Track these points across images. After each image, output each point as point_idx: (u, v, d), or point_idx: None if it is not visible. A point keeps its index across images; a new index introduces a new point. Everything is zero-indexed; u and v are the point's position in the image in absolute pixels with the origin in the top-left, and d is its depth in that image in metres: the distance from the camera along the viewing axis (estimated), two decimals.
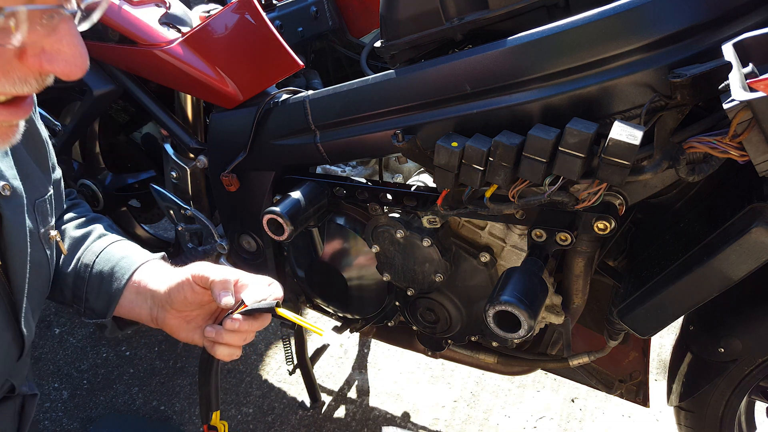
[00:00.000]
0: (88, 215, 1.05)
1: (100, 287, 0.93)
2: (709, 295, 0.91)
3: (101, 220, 1.05)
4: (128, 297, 0.92)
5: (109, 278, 0.92)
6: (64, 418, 1.79)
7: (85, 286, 0.94)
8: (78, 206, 1.07)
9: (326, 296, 1.42)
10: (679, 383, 1.21)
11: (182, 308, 0.88)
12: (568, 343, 1.21)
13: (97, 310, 0.94)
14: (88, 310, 0.94)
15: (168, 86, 1.36)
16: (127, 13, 1.30)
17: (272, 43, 1.22)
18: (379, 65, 1.48)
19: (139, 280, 0.92)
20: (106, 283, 0.93)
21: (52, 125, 1.72)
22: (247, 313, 0.82)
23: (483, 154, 0.91)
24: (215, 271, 0.84)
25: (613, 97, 0.87)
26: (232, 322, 0.82)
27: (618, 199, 0.97)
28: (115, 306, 0.92)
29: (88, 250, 0.97)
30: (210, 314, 0.91)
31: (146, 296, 0.90)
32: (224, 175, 1.27)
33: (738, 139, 0.75)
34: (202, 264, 0.87)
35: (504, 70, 0.93)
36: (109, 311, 0.93)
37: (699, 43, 0.82)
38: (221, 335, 0.83)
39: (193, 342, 0.90)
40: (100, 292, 0.93)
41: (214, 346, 0.85)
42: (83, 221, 1.02)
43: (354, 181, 1.21)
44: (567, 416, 1.77)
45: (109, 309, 0.92)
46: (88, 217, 1.04)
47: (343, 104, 1.09)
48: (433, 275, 1.18)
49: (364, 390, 1.89)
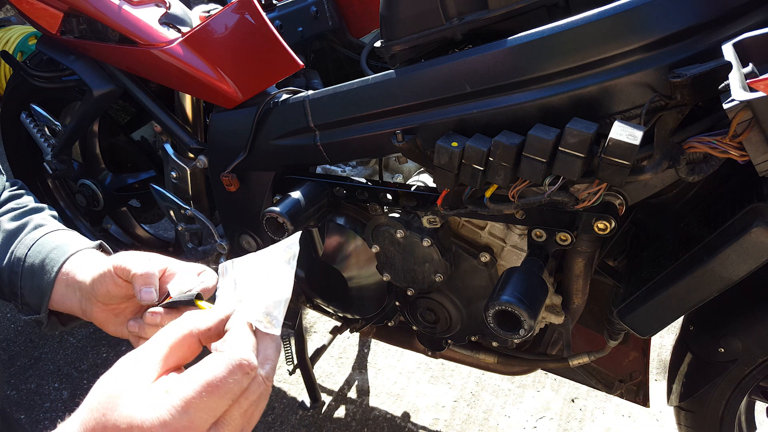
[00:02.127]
0: (27, 206, 0.99)
1: (32, 281, 0.88)
2: (709, 295, 0.91)
3: (39, 211, 0.99)
4: (59, 290, 0.87)
5: (40, 271, 0.87)
6: (64, 418, 1.79)
7: (19, 280, 0.89)
8: (18, 198, 1.02)
9: (326, 296, 1.42)
10: (679, 383, 1.21)
11: (107, 301, 0.83)
12: (568, 343, 1.21)
13: (32, 305, 0.89)
14: (24, 305, 0.90)
15: (168, 86, 1.36)
16: (127, 13, 1.30)
17: (272, 43, 1.22)
18: (379, 65, 1.48)
19: (68, 272, 0.86)
20: (38, 276, 0.88)
21: (52, 125, 1.72)
22: (169, 306, 0.75)
23: (483, 154, 0.91)
24: (138, 262, 0.78)
25: (613, 97, 0.87)
26: (152, 317, 0.76)
27: (618, 199, 0.97)
28: (47, 300, 0.87)
29: (21, 242, 0.92)
30: (139, 306, 0.84)
31: (75, 288, 0.85)
32: (224, 175, 1.27)
33: (738, 139, 0.75)
34: (126, 254, 0.81)
35: (504, 70, 0.93)
36: (42, 306, 0.88)
37: (699, 43, 0.82)
38: (144, 330, 0.78)
39: (122, 336, 0.84)
40: (33, 287, 0.88)
41: (138, 341, 0.80)
42: (20, 213, 0.97)
43: (354, 181, 1.21)
44: (567, 416, 1.77)
45: (42, 303, 0.88)
46: (26, 208, 0.98)
47: (343, 104, 1.09)
48: (433, 275, 1.18)
49: (364, 390, 1.89)
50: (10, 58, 1.68)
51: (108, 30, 1.38)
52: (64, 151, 1.70)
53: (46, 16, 1.42)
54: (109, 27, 1.34)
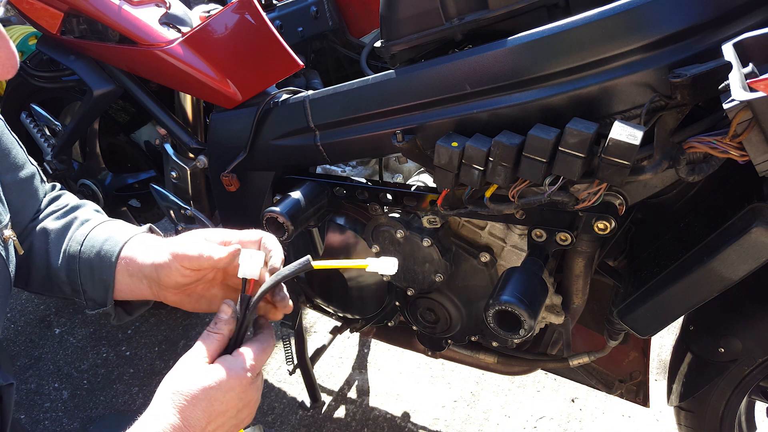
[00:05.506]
0: (68, 204, 1.00)
1: (92, 276, 0.89)
2: (709, 295, 0.91)
3: (82, 207, 1.00)
4: (122, 280, 0.88)
5: (99, 264, 0.88)
6: (64, 418, 1.79)
7: (79, 277, 0.90)
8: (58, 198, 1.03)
9: (326, 296, 1.42)
10: (679, 383, 1.21)
11: (178, 288, 0.85)
12: (568, 343, 1.21)
13: (96, 299, 0.90)
14: (89, 301, 0.91)
15: (168, 86, 1.36)
16: (127, 13, 1.30)
17: (272, 43, 1.22)
18: (379, 65, 1.48)
19: (127, 260, 0.87)
20: (97, 270, 0.89)
21: (52, 125, 1.72)
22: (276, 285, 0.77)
23: (483, 154, 0.91)
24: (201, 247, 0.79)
25: (613, 97, 0.87)
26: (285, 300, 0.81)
27: (618, 199, 0.97)
28: (112, 292, 0.88)
29: (72, 240, 0.92)
30: (211, 281, 0.87)
31: (140, 276, 0.87)
32: (224, 175, 1.27)
33: (738, 139, 0.75)
34: (181, 241, 0.82)
35: (504, 70, 0.93)
36: (108, 299, 0.89)
37: (699, 43, 0.82)
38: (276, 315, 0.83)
39: (200, 311, 0.88)
40: (94, 281, 0.89)
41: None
42: (63, 211, 0.98)
43: (354, 181, 1.21)
44: (567, 416, 1.77)
45: (108, 296, 0.89)
46: (69, 206, 0.99)
47: (343, 104, 1.09)
48: (433, 275, 1.18)
49: (364, 390, 1.89)
50: None
51: (108, 30, 1.38)
52: (64, 151, 1.70)
53: (46, 16, 1.42)
54: (109, 27, 1.34)
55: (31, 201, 0.97)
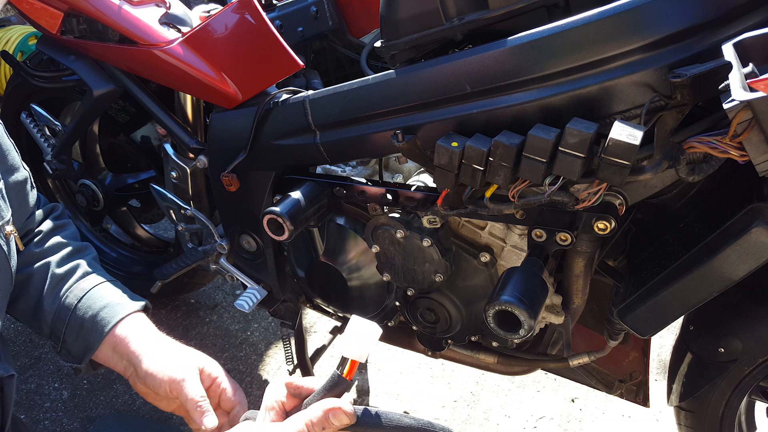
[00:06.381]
0: (72, 245, 1.04)
1: (78, 333, 0.94)
2: (709, 295, 0.91)
3: (86, 254, 1.04)
4: (105, 351, 0.93)
5: (90, 326, 0.93)
6: (64, 418, 1.79)
7: (65, 327, 0.95)
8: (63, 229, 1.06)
9: (326, 296, 1.42)
10: (679, 383, 1.21)
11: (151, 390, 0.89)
12: (568, 343, 1.21)
13: (73, 353, 0.95)
14: (64, 350, 0.96)
15: (168, 86, 1.36)
16: (127, 13, 1.30)
17: (272, 43, 1.22)
18: (379, 65, 1.48)
19: (117, 339, 0.92)
20: (86, 331, 0.93)
21: (52, 125, 1.72)
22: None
23: (483, 154, 0.91)
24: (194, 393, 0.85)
25: (613, 97, 0.87)
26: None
27: (618, 199, 0.98)
28: (91, 355, 0.93)
29: (70, 292, 0.97)
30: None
31: (122, 356, 0.91)
32: (224, 175, 1.27)
33: (738, 139, 0.75)
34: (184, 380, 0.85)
35: (504, 70, 0.93)
36: (84, 358, 0.94)
37: (699, 43, 0.82)
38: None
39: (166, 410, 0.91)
40: (78, 338, 0.94)
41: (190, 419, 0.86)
42: (67, 254, 1.02)
43: (354, 181, 1.21)
44: (567, 416, 1.77)
45: (85, 357, 0.94)
46: (73, 248, 1.03)
47: (343, 104, 1.09)
48: (433, 275, 1.18)
49: (364, 390, 1.89)
50: (10, 58, 1.68)
51: (108, 30, 1.38)
52: (64, 151, 1.70)
53: (46, 16, 1.42)
54: (109, 27, 1.34)
55: (24, 204, 0.99)
